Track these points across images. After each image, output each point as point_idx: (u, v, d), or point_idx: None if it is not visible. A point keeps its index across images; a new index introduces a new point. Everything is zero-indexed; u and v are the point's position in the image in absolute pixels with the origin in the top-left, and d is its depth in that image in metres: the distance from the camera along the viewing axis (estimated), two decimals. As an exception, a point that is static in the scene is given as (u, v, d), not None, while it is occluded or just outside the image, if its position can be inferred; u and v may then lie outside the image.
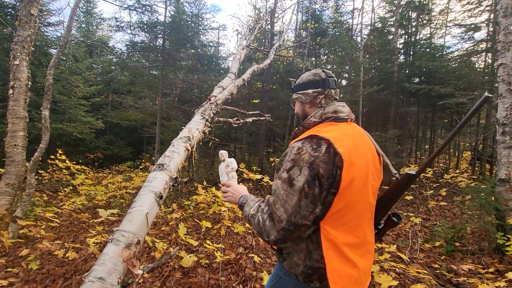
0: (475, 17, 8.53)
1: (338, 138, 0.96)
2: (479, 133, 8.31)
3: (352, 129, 1.07)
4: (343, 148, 0.93)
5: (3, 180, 3.88)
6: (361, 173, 0.97)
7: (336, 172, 0.91)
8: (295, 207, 0.91)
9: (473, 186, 4.31)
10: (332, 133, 0.98)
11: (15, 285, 2.61)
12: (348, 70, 8.47)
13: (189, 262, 2.49)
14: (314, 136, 0.96)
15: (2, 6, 9.96)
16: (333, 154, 0.92)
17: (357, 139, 1.03)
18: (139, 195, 1.45)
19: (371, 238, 1.07)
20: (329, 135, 0.96)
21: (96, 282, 1.02)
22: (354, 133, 1.05)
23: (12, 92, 3.87)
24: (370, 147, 1.09)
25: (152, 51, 9.01)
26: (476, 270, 2.70)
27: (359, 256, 0.98)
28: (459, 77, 6.90)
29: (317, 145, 0.94)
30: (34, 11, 3.98)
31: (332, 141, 0.93)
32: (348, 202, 0.95)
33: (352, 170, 0.93)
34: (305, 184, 0.90)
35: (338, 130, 1.02)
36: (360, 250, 1.00)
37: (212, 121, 2.55)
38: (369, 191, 1.02)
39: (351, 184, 0.93)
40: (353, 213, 0.97)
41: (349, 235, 0.97)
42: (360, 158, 0.98)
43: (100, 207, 5.86)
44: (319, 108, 1.14)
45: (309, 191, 0.90)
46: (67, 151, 10.38)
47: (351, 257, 0.95)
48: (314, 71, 1.18)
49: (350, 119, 1.10)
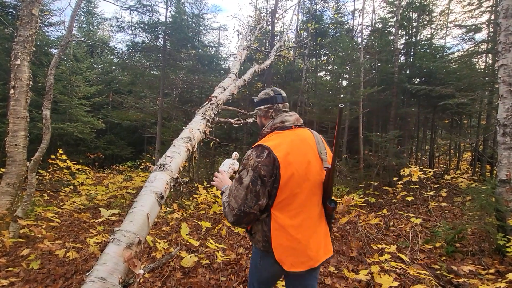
0: (475, 18, 8.53)
1: (277, 145, 1.23)
2: (480, 134, 8.31)
3: (294, 134, 1.33)
4: (279, 153, 1.20)
5: (4, 180, 3.88)
6: (300, 170, 1.23)
7: (276, 171, 1.19)
8: (243, 200, 1.20)
9: (474, 187, 4.32)
10: (273, 142, 1.26)
11: (16, 284, 2.62)
12: (348, 70, 8.47)
13: (190, 262, 2.49)
14: (260, 145, 1.25)
15: (4, 6, 9.98)
16: (272, 158, 1.19)
17: (296, 143, 1.29)
18: (140, 195, 1.45)
19: (317, 220, 1.31)
20: (270, 143, 1.24)
21: (98, 282, 1.03)
22: (294, 138, 1.30)
23: (13, 92, 3.88)
24: (311, 148, 1.33)
25: (153, 51, 9.03)
26: (477, 271, 2.70)
27: (301, 234, 1.24)
28: (459, 78, 6.89)
29: (261, 152, 1.22)
30: (35, 11, 3.99)
31: (272, 148, 1.21)
32: (290, 193, 1.22)
33: (289, 169, 1.20)
34: (250, 182, 1.19)
35: (280, 138, 1.29)
36: (303, 229, 1.25)
37: (213, 122, 2.55)
38: (310, 184, 1.26)
39: (290, 179, 1.20)
40: (296, 202, 1.24)
41: (293, 219, 1.24)
42: (297, 158, 1.24)
43: (100, 207, 5.87)
44: (270, 119, 1.42)
45: (253, 188, 1.18)
46: (68, 151, 10.37)
47: (294, 234, 1.23)
48: (266, 90, 1.49)
49: (295, 126, 1.37)
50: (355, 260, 3.11)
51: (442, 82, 7.35)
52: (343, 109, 1.13)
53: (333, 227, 1.54)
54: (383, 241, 3.61)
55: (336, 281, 2.58)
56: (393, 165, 7.32)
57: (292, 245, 1.23)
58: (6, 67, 9.22)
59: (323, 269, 2.79)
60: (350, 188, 6.27)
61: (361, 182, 6.37)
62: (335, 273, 2.71)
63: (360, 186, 5.96)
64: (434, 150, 10.42)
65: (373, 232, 3.92)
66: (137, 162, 12.57)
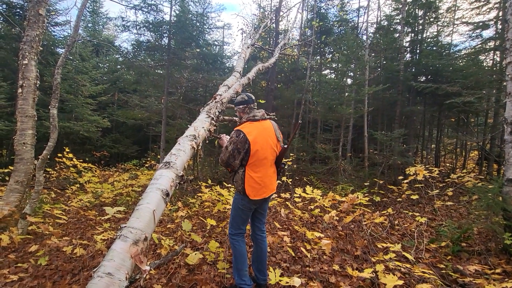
0: (483, 15, 8.36)
1: (248, 131, 2.20)
2: (487, 132, 8.19)
3: (260, 125, 2.31)
4: (250, 136, 2.18)
5: (13, 178, 3.95)
6: (263, 146, 2.24)
7: (247, 147, 2.18)
8: (227, 157, 2.22)
9: (480, 186, 4.26)
10: (247, 129, 2.22)
11: (25, 280, 2.67)
12: (353, 68, 8.39)
13: (195, 260, 2.52)
14: (238, 130, 2.22)
15: (11, 7, 10.11)
16: (246, 139, 2.17)
17: (261, 130, 2.27)
18: (146, 192, 1.47)
19: (271, 173, 2.35)
20: (245, 130, 2.20)
21: (105, 277, 1.04)
22: (259, 127, 2.29)
23: (21, 91, 3.94)
24: (270, 134, 2.33)
25: (157, 50, 9.06)
26: (483, 271, 2.67)
27: (260, 180, 2.25)
28: (466, 75, 6.79)
29: (238, 134, 2.20)
30: (42, 11, 4.04)
31: (246, 133, 2.18)
32: (256, 159, 2.22)
33: (255, 146, 2.19)
34: (231, 150, 2.20)
35: (251, 127, 2.26)
36: (262, 177, 2.26)
37: (217, 120, 2.56)
38: (268, 154, 2.28)
39: (256, 152, 2.20)
40: (259, 163, 2.25)
41: (257, 173, 2.24)
42: (261, 140, 2.23)
43: (106, 204, 5.94)
44: (246, 114, 2.38)
45: (232, 153, 2.20)
46: (74, 150, 10.50)
47: (257, 180, 2.23)
48: (242, 95, 2.41)
49: (262, 119, 2.36)
50: (359, 259, 3.10)
51: (449, 80, 7.25)
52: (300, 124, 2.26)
53: (281, 175, 3.84)
54: (388, 240, 3.60)
55: (340, 279, 2.58)
56: (398, 164, 7.27)
57: (255, 186, 2.23)
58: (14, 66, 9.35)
59: (327, 268, 2.79)
60: (355, 187, 6.24)
61: (366, 181, 6.34)
62: (339, 271, 2.71)
63: (365, 185, 5.93)
64: (440, 149, 10.30)
65: (378, 231, 3.90)
66: (142, 161, 12.67)
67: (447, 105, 7.33)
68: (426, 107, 9.02)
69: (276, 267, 2.78)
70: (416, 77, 8.48)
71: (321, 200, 4.07)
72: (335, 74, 11.45)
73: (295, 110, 10.40)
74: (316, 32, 11.11)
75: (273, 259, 3.00)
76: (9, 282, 2.60)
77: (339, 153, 7.83)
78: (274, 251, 3.19)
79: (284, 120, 10.58)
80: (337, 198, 4.01)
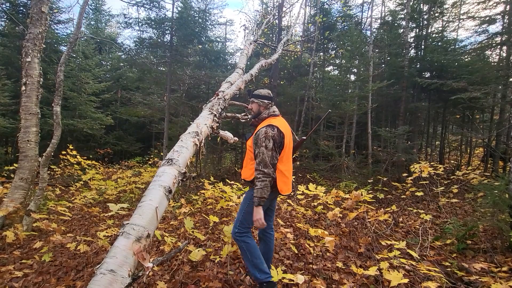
0: (489, 9, 8.21)
1: (279, 124, 2.15)
2: (492, 129, 8.08)
3: (282, 119, 2.29)
4: (282, 129, 2.14)
5: (17, 175, 3.98)
6: (289, 140, 2.21)
7: (282, 140, 2.12)
8: (271, 156, 2.03)
9: (486, 183, 4.21)
10: (276, 122, 2.16)
11: (30, 276, 2.69)
12: (357, 64, 8.33)
13: (198, 256, 2.51)
14: (271, 125, 2.12)
15: (14, 5, 10.15)
16: (280, 132, 2.11)
17: (285, 124, 2.25)
18: (149, 189, 1.46)
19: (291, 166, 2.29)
20: (276, 123, 2.14)
21: (108, 274, 1.04)
22: (282, 122, 2.25)
23: (25, 88, 3.95)
24: (289, 128, 2.29)
25: (160, 47, 9.04)
26: (489, 269, 2.64)
27: (288, 173, 2.20)
28: (472, 71, 6.69)
29: (272, 128, 2.09)
30: (45, 8, 4.04)
31: (278, 126, 2.12)
32: (286, 153, 2.17)
33: (286, 139, 2.15)
34: (272, 147, 2.04)
35: (278, 121, 2.21)
36: (289, 172, 2.23)
37: (220, 116, 2.55)
38: (291, 148, 2.25)
39: (287, 146, 2.16)
40: (287, 158, 2.20)
41: (286, 166, 2.18)
42: (288, 133, 2.20)
43: (110, 201, 5.97)
44: (266, 110, 2.29)
45: (274, 149, 2.06)
46: (78, 147, 10.58)
47: (286, 174, 2.18)
48: (267, 90, 2.34)
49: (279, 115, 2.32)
50: (363, 256, 3.08)
51: (454, 76, 7.16)
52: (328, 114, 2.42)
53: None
54: (392, 237, 3.57)
55: (344, 276, 2.57)
56: (402, 161, 7.21)
57: (285, 180, 2.18)
58: (17, 64, 9.40)
59: (330, 265, 2.78)
60: (358, 184, 6.21)
61: (370, 178, 6.30)
62: (343, 268, 2.70)
63: (369, 182, 5.90)
64: (445, 145, 10.20)
65: (382, 228, 3.88)
66: (145, 158, 12.73)
67: (452, 101, 7.24)
68: (431, 104, 8.92)
69: (279, 264, 2.77)
70: (421, 73, 8.38)
71: (324, 197, 4.05)
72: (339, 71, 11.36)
73: (298, 107, 10.35)
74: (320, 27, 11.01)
75: (276, 256, 2.99)
76: (14, 278, 2.62)
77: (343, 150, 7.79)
78: (277, 248, 3.18)
79: (287, 117, 10.54)
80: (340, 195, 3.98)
